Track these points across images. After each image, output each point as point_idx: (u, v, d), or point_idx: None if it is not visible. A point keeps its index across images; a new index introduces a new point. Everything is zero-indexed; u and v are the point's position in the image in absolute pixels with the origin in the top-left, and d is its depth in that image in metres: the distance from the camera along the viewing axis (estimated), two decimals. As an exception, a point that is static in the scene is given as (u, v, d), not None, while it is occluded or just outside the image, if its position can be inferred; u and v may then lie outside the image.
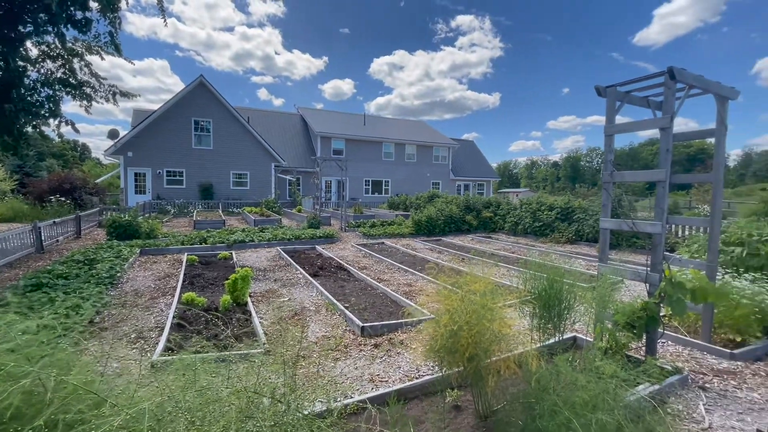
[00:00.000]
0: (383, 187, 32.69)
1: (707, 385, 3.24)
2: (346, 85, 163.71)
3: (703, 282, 3.26)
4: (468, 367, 2.28)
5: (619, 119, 3.89)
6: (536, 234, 12.87)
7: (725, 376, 3.37)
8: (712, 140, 3.98)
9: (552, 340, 3.50)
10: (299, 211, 19.60)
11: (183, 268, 7.19)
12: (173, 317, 4.53)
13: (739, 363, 3.59)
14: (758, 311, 3.85)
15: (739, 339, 3.90)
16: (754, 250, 4.44)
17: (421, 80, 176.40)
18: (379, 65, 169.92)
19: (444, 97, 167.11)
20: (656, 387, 3.02)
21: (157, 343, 3.92)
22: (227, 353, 2.25)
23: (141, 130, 22.50)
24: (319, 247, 10.04)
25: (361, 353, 3.86)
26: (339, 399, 2.80)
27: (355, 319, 4.49)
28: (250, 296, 5.46)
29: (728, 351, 3.65)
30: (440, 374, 2.63)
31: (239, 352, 3.24)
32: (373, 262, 8.45)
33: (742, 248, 4.55)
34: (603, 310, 3.66)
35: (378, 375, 3.43)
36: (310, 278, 6.57)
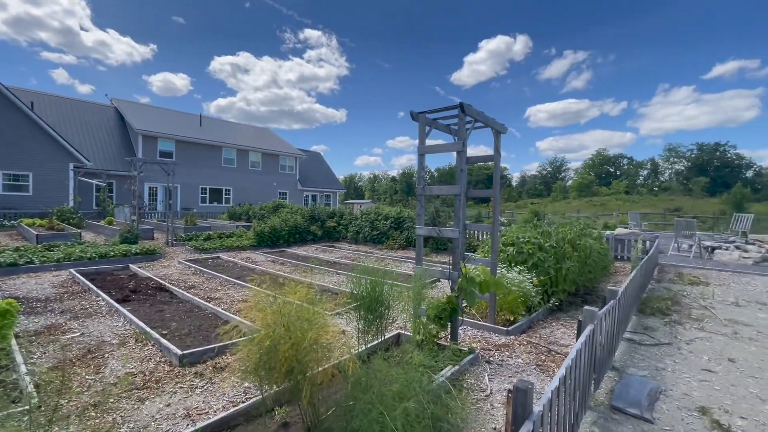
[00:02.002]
0: (223, 195, 29.95)
1: (491, 358, 4.06)
2: (181, 81, 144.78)
3: (487, 276, 4.08)
4: (287, 381, 2.23)
5: (431, 141, 4.57)
6: (375, 242, 13.92)
7: (503, 349, 4.28)
8: (504, 165, 5.07)
9: (377, 341, 3.79)
10: (110, 223, 16.06)
11: None
12: None
13: (511, 337, 4.63)
14: (522, 295, 5.08)
15: (512, 318, 5.05)
16: (520, 249, 5.87)
17: (268, 87, 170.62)
18: (221, 64, 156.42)
19: (293, 107, 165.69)
20: (456, 368, 3.60)
21: None
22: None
23: None
24: (134, 266, 8.40)
25: (178, 386, 3.35)
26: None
27: (172, 347, 3.88)
28: (17, 337, 4.13)
29: (504, 329, 4.67)
30: (263, 395, 2.49)
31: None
32: (204, 280, 7.56)
33: (513, 247, 5.95)
34: (418, 306, 4.18)
35: (197, 408, 3.04)
36: (116, 305, 5.40)
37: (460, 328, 4.93)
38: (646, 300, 6.23)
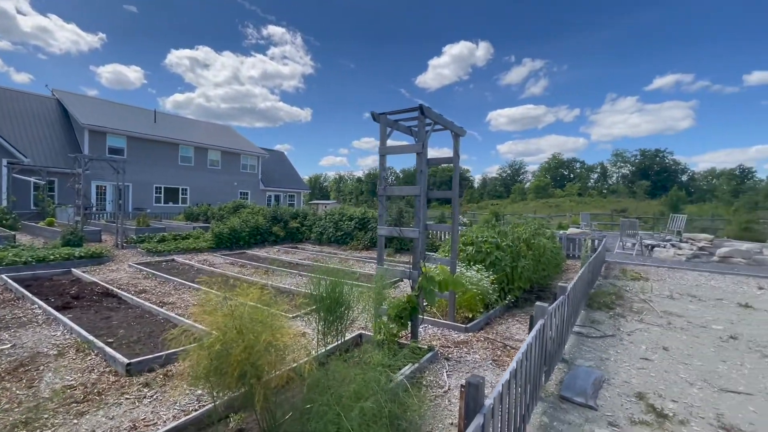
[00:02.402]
0: (180, 195, 28.55)
1: (450, 355, 4.15)
2: (134, 74, 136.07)
3: (446, 275, 4.18)
4: (241, 386, 2.17)
5: (394, 142, 4.62)
6: (339, 242, 13.83)
7: (461, 346, 4.40)
8: (467, 167, 5.20)
9: (338, 342, 3.77)
10: (50, 224, 14.84)
11: None
12: None
13: (470, 334, 4.77)
14: (480, 293, 5.24)
15: (471, 315, 5.20)
16: (479, 248, 6.07)
17: (229, 83, 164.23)
18: (178, 58, 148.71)
19: (255, 104, 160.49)
20: (416, 366, 3.65)
21: None
22: None
23: None
24: (77, 271, 7.81)
25: (123, 397, 3.16)
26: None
27: (117, 356, 3.65)
28: (-68, 352, 3.72)
29: (463, 326, 4.80)
30: (215, 402, 2.41)
31: None
32: (156, 284, 7.17)
33: (472, 247, 6.14)
34: (380, 306, 4.21)
35: (144, 419, 2.87)
36: (55, 312, 5.00)
37: (421, 326, 5.01)
38: (594, 295, 6.64)
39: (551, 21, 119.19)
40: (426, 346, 4.12)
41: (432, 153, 4.25)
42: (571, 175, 78.29)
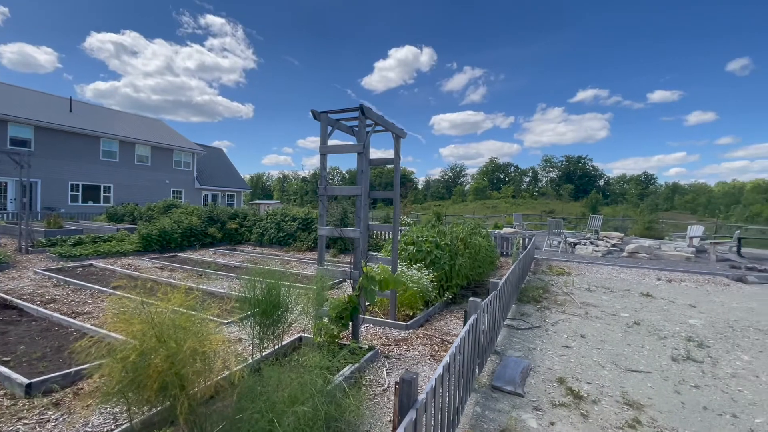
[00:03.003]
0: (102, 194, 25.81)
1: (390, 353, 4.21)
2: (45, 56, 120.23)
3: (387, 274, 4.23)
4: (164, 399, 2.01)
5: (337, 142, 4.57)
6: (281, 244, 13.41)
7: (401, 344, 4.49)
8: (411, 169, 5.29)
9: (276, 346, 3.65)
10: (-70, 226, 12.59)
11: None
12: None
13: (410, 331, 4.88)
14: (421, 291, 5.39)
15: (411, 313, 5.32)
16: (420, 247, 6.25)
17: (162, 73, 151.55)
18: (100, 41, 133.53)
19: (191, 97, 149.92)
20: (356, 366, 3.65)
21: None
22: None
23: None
24: (-35, 280, 6.71)
25: (21, 422, 2.77)
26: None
27: (14, 375, 3.20)
28: None
29: (404, 324, 4.90)
30: (134, 418, 2.20)
31: None
32: (69, 292, 6.40)
33: (413, 246, 6.30)
34: (320, 308, 4.15)
35: (47, 445, 2.54)
36: (-67, 330, 4.25)
37: (363, 326, 5.02)
38: (524, 290, 7.14)
39: (489, 33, 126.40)
40: (367, 346, 4.14)
41: (378, 154, 4.30)
42: (507, 179, 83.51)
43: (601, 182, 76.04)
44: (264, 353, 3.48)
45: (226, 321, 4.83)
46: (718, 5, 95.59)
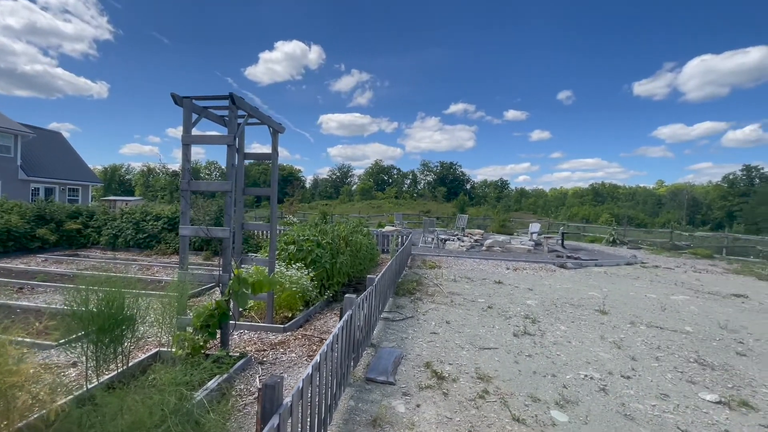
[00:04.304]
0: None
1: (265, 358, 4.01)
2: None
3: (262, 276, 4.01)
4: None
5: (212, 133, 4.12)
6: (142, 246, 11.59)
7: (278, 347, 4.31)
8: (299, 167, 5.05)
9: (123, 367, 3.11)
10: None
11: None
12: None
13: (288, 333, 4.73)
14: (301, 291, 5.28)
15: (290, 314, 5.16)
16: (301, 247, 6.12)
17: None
18: None
19: (15, 64, 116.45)
20: (225, 376, 3.36)
21: None
22: None
23: None
24: None
25: None
26: None
27: None
28: None
29: (282, 326, 4.72)
30: None
31: None
32: None
33: (294, 245, 6.14)
34: (182, 317, 3.70)
35: None
36: None
37: (237, 332, 4.67)
38: (401, 283, 7.63)
39: (375, 40, 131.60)
40: (238, 354, 3.86)
41: (262, 149, 4.01)
42: (390, 180, 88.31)
43: (468, 186, 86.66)
44: (105, 377, 2.93)
45: (55, 343, 3.93)
46: (550, 51, 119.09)
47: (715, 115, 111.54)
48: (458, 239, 15.14)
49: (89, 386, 2.77)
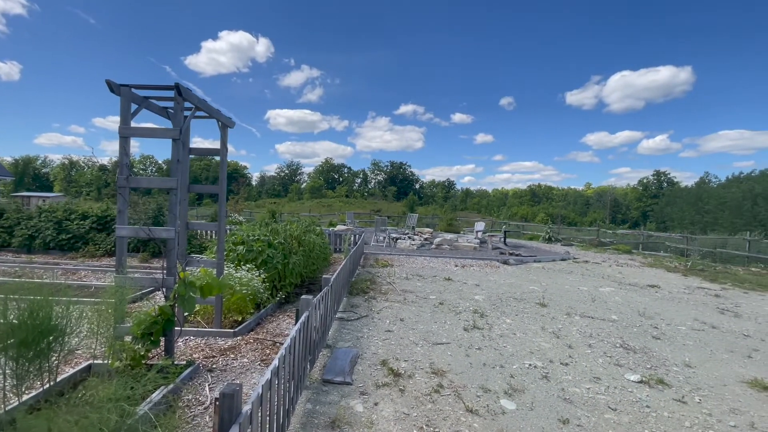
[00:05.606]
0: None
1: (214, 365, 3.80)
2: None
3: (210, 278, 3.78)
4: None
5: (154, 125, 3.79)
6: (64, 249, 10.40)
7: (228, 353, 4.11)
8: (245, 163, 4.79)
9: (49, 384, 2.78)
10: None
11: None
12: None
13: (238, 338, 4.52)
14: (251, 293, 5.07)
15: (241, 318, 4.94)
16: (250, 247, 5.87)
17: None
18: None
19: None
20: (170, 387, 3.13)
21: None
22: None
23: None
24: None
25: None
26: None
27: None
28: None
29: (231, 331, 4.51)
30: None
31: None
32: None
33: (243, 246, 5.87)
34: (120, 325, 3.39)
35: None
36: None
37: (183, 339, 4.38)
38: (354, 282, 7.62)
39: (325, 37, 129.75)
40: (185, 362, 3.62)
41: (206, 144, 3.77)
42: (341, 179, 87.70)
43: (417, 186, 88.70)
44: (27, 396, 2.60)
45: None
46: (494, 59, 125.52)
47: (633, 125, 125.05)
48: (409, 238, 15.44)
49: (7, 408, 2.44)
